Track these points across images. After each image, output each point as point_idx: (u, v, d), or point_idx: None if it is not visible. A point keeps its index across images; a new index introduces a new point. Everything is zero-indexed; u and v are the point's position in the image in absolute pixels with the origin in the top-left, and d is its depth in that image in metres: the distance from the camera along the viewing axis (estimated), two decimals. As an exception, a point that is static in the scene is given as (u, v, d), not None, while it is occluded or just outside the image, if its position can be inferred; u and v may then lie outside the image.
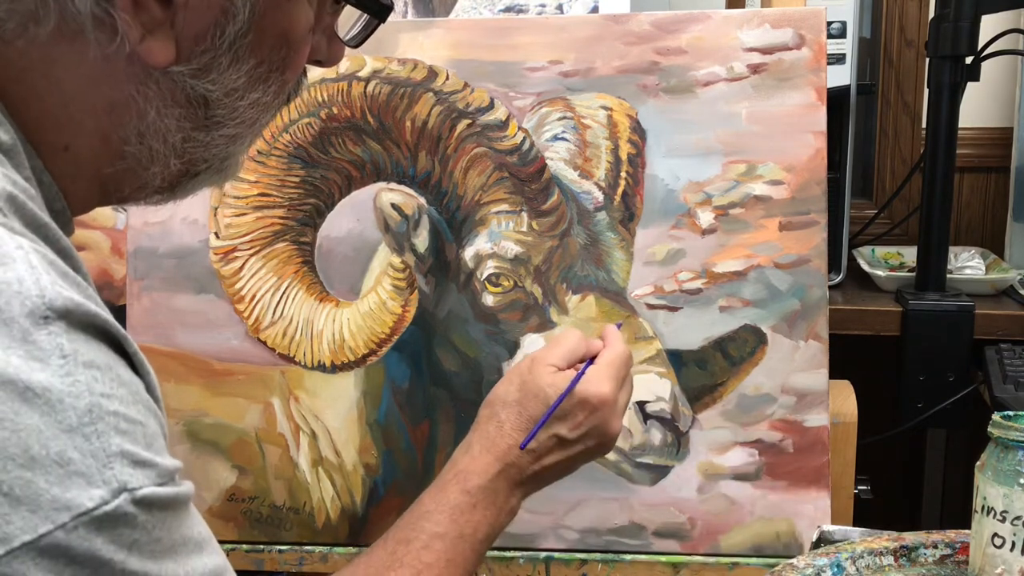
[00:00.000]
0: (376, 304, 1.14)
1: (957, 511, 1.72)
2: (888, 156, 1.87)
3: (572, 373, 0.84)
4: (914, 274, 1.51)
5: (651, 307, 1.10)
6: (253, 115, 0.63)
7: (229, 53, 0.59)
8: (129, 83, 0.58)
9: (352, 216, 1.14)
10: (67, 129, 0.59)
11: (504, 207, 1.10)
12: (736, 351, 1.10)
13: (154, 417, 0.53)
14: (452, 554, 0.77)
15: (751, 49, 1.10)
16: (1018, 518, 0.73)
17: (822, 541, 0.92)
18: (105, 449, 0.48)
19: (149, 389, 0.54)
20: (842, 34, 1.50)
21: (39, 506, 0.46)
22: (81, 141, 0.59)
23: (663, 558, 1.10)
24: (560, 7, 1.40)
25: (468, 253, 1.11)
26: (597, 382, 0.83)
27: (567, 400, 0.82)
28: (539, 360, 0.84)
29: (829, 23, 1.41)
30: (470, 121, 1.11)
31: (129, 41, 0.56)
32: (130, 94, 0.59)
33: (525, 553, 1.12)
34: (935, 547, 0.84)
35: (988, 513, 0.74)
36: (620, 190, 1.12)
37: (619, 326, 0.90)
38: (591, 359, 0.86)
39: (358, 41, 0.69)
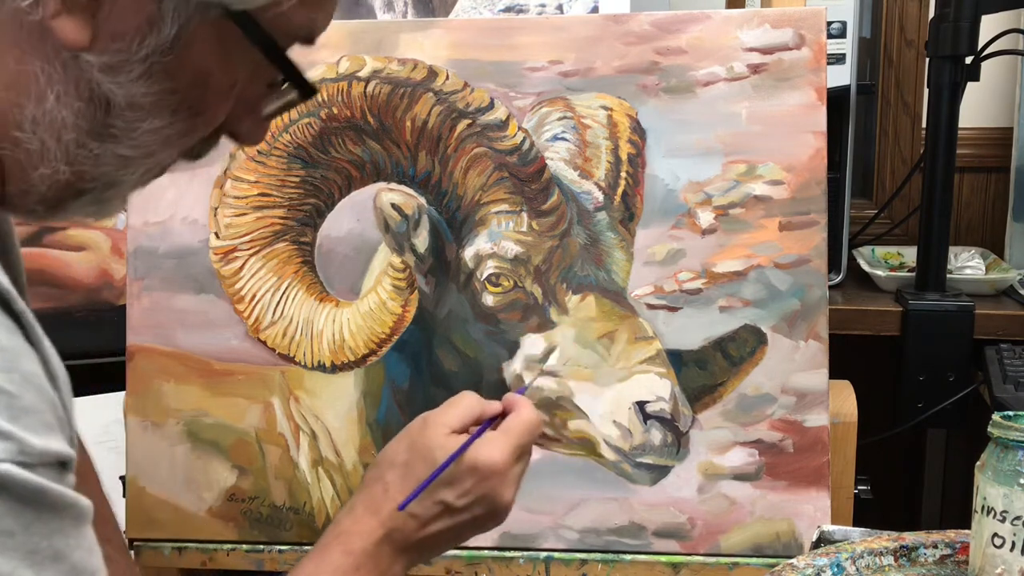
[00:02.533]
0: (376, 304, 1.14)
1: (957, 511, 1.72)
2: (888, 156, 1.87)
3: (464, 437, 0.79)
4: (914, 274, 1.51)
5: (651, 307, 1.10)
6: (151, 144, 0.61)
7: (143, 64, 0.57)
8: (36, 57, 0.57)
9: (352, 216, 1.14)
10: None
11: (504, 207, 1.10)
12: (736, 351, 1.10)
13: (36, 391, 0.49)
14: None
15: (751, 49, 1.10)
16: (1018, 518, 0.73)
17: (822, 541, 0.92)
18: None
19: (44, 361, 0.51)
20: (842, 34, 1.50)
21: None
22: None
23: (663, 558, 1.10)
24: (560, 7, 1.40)
25: (468, 253, 1.11)
26: (490, 449, 0.78)
27: (456, 465, 0.78)
28: (432, 421, 0.80)
29: (829, 23, 1.41)
30: (470, 121, 1.11)
31: (44, 8, 0.55)
32: (34, 71, 0.57)
33: (525, 553, 1.12)
34: (935, 547, 0.84)
35: (988, 513, 0.74)
36: (620, 190, 1.12)
37: (523, 391, 0.86)
38: (488, 422, 0.81)
39: (272, 115, 0.67)
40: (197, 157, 0.66)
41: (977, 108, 1.76)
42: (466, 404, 0.82)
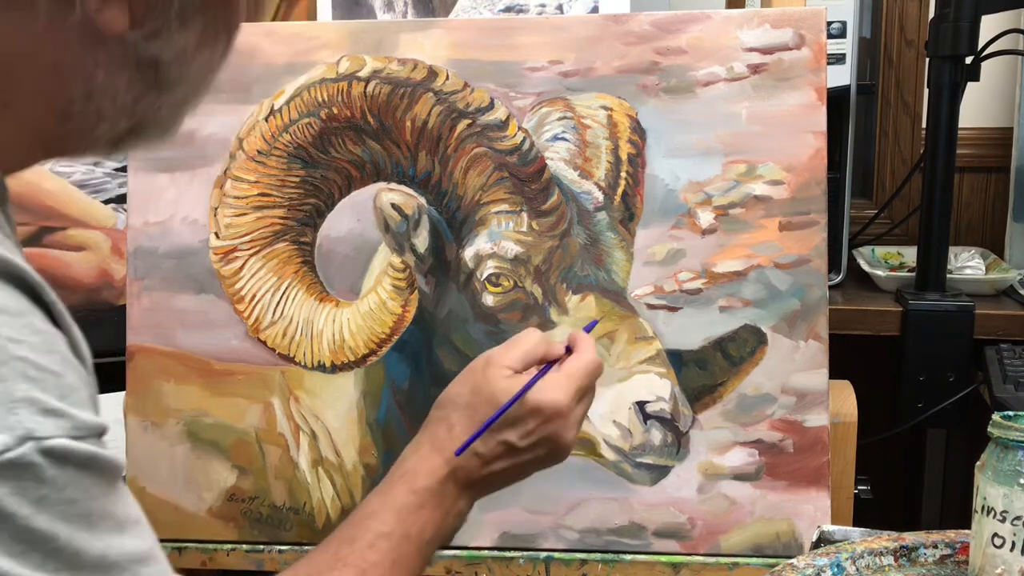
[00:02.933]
0: (376, 304, 1.14)
1: (957, 511, 1.72)
2: (888, 156, 1.87)
3: (527, 378, 0.81)
4: (914, 274, 1.51)
5: (651, 307, 1.10)
6: (204, 78, 0.63)
7: (179, 18, 0.58)
8: (79, 47, 0.57)
9: (352, 216, 1.14)
10: (4, 87, 0.57)
11: (504, 207, 1.10)
12: (736, 351, 1.10)
13: (73, 370, 0.51)
14: (397, 554, 0.76)
15: (751, 49, 1.10)
16: (1018, 518, 0.73)
17: (822, 541, 0.92)
18: (10, 394, 0.46)
19: (73, 345, 0.52)
20: (842, 34, 1.50)
21: None
22: (22, 100, 0.57)
23: (663, 558, 1.10)
24: (560, 7, 1.40)
25: (468, 253, 1.11)
26: (554, 390, 0.80)
27: (519, 407, 0.79)
28: (493, 362, 0.82)
29: (829, 23, 1.41)
30: (470, 121, 1.11)
31: (87, 11, 0.55)
32: (79, 57, 0.57)
33: (525, 553, 1.12)
34: (935, 547, 0.84)
35: (988, 513, 0.74)
36: (620, 190, 1.12)
37: (591, 328, 0.87)
38: (549, 363, 0.83)
39: None
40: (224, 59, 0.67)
41: (977, 108, 1.76)
42: (529, 343, 0.83)
